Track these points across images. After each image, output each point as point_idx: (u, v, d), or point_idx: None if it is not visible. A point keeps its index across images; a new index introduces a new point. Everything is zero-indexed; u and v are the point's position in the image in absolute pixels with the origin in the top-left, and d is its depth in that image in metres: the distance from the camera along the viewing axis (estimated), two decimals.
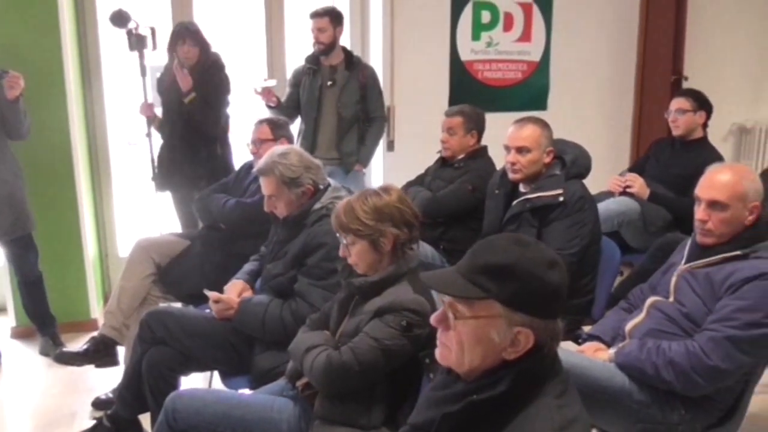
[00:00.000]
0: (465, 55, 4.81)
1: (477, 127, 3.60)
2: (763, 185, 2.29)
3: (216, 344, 2.63)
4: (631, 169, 4.11)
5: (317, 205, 2.64)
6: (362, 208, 2.08)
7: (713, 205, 2.23)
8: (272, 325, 2.54)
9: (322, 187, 2.70)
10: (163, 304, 3.26)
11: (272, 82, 4.19)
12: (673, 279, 2.33)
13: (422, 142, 3.97)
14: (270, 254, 2.79)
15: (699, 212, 2.27)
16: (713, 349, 2.07)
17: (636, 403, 2.16)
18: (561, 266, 1.35)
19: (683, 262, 2.34)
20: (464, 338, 1.35)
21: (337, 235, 2.16)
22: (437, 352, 1.43)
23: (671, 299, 2.31)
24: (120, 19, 3.71)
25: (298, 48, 4.50)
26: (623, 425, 2.20)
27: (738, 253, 2.20)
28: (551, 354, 1.36)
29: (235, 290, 2.80)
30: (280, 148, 2.76)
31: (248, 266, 2.97)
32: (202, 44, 3.83)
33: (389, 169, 4.76)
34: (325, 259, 2.52)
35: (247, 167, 3.43)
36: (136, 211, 5.24)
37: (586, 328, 2.67)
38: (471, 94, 4.72)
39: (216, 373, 2.78)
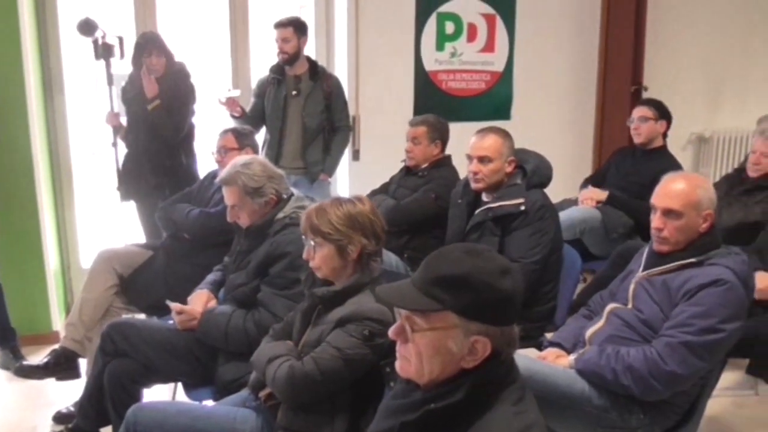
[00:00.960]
0: (429, 65, 4.84)
1: (441, 136, 3.64)
2: (717, 194, 2.35)
3: (179, 355, 2.61)
4: (592, 177, 4.19)
5: (280, 215, 2.64)
6: (336, 212, 2.09)
7: (668, 213, 2.28)
8: (235, 336, 2.53)
9: (285, 196, 2.70)
10: (125, 316, 3.22)
11: (236, 92, 4.19)
12: (631, 286, 2.37)
13: (387, 152, 3.99)
14: (233, 264, 2.78)
15: (655, 220, 2.32)
16: (670, 355, 2.11)
17: (596, 408, 2.20)
18: (513, 273, 1.36)
19: (641, 269, 2.39)
20: (423, 350, 1.36)
21: (303, 237, 2.15)
22: (397, 365, 1.44)
23: (629, 306, 2.35)
24: (87, 27, 3.67)
25: (263, 58, 4.50)
26: (584, 430, 2.23)
27: (693, 260, 2.24)
28: (508, 360, 1.38)
29: (200, 300, 2.77)
30: (242, 157, 2.76)
31: (211, 276, 2.95)
32: (167, 54, 3.84)
33: (354, 178, 4.76)
34: (288, 268, 2.52)
35: (212, 176, 3.40)
36: (99, 222, 5.19)
37: (549, 335, 2.70)
38: (435, 103, 4.74)
39: (180, 385, 2.76)
